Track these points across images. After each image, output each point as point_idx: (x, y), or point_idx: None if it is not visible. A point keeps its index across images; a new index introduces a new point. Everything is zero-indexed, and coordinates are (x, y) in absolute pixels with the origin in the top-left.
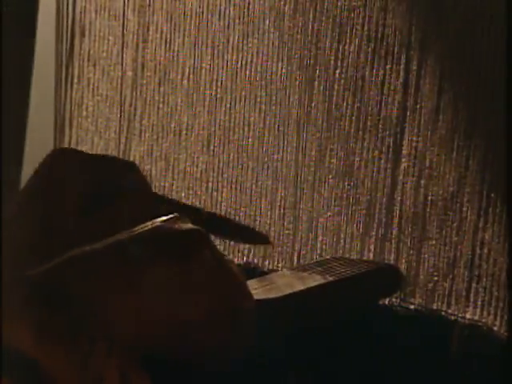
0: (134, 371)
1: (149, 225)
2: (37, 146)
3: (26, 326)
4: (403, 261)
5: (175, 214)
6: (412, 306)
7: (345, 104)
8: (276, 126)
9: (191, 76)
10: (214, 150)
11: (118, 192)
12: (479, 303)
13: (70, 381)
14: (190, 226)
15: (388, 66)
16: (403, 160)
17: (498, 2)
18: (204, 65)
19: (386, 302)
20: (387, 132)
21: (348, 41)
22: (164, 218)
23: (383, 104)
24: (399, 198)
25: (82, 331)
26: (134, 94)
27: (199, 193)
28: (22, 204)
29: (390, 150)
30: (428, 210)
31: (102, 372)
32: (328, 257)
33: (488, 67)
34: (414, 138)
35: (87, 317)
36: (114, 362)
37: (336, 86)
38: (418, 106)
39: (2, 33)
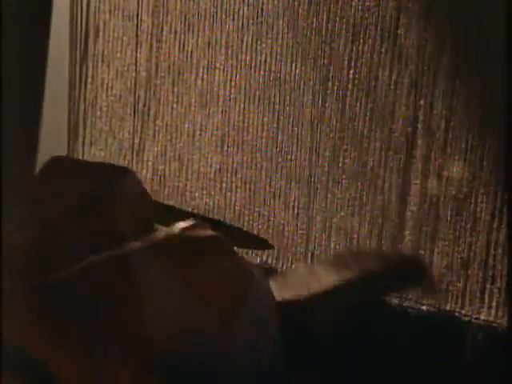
0: (147, 380)
1: (167, 232)
2: (50, 147)
3: (42, 334)
4: None
5: (193, 221)
6: (424, 307)
7: (358, 104)
8: (290, 126)
9: (205, 76)
10: (227, 151)
11: (114, 194)
12: (494, 304)
13: None
14: (209, 232)
15: (401, 66)
16: (415, 160)
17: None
18: (218, 65)
19: (398, 302)
20: (400, 132)
21: (362, 41)
22: (182, 224)
23: (396, 104)
24: (411, 199)
25: (97, 342)
26: (148, 94)
27: (213, 193)
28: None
29: (403, 150)
30: (441, 210)
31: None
32: (343, 251)
33: (502, 66)
34: (427, 139)
35: (102, 328)
36: (127, 374)
37: (350, 87)
38: (431, 106)
39: (1, 33)
